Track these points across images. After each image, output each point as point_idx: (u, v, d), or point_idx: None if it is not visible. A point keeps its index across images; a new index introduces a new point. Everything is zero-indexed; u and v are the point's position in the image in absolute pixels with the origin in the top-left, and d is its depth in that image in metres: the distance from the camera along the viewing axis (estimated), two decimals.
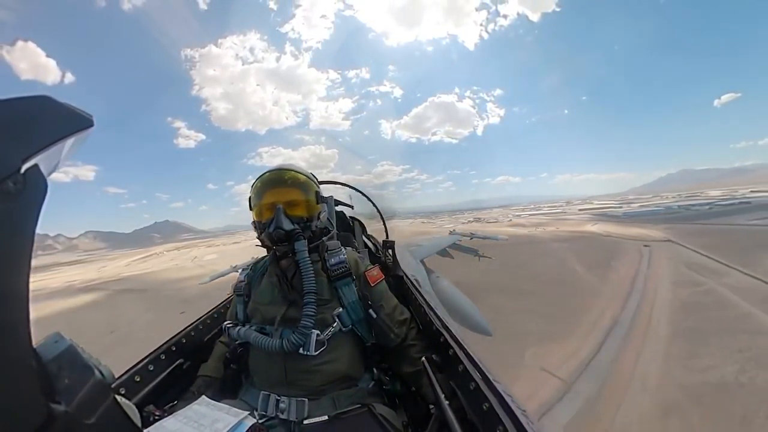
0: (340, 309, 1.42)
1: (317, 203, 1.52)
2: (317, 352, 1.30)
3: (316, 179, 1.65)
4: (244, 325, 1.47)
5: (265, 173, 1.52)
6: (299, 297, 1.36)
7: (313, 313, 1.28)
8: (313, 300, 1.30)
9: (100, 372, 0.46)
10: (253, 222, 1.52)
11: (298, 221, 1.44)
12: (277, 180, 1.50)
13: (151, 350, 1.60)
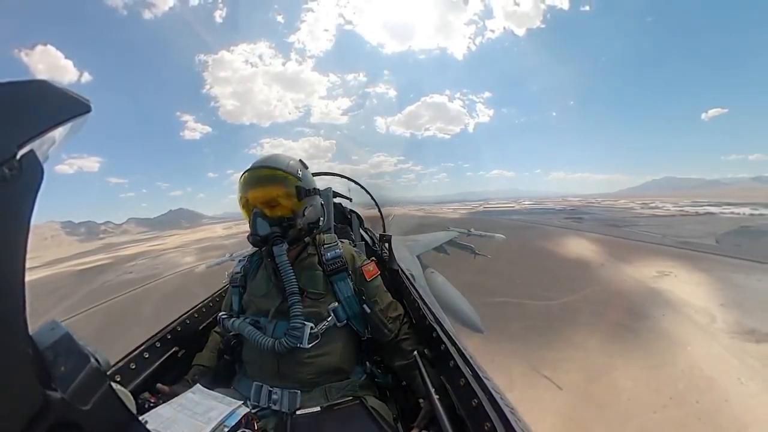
0: (336, 304, 1.42)
1: (300, 199, 1.42)
2: (310, 345, 1.31)
3: (302, 170, 1.49)
4: (238, 317, 1.46)
5: (245, 171, 1.44)
6: None
7: (299, 314, 1.29)
8: (296, 300, 1.30)
9: (96, 359, 0.46)
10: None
11: (278, 222, 1.38)
12: (253, 179, 1.42)
13: (147, 337, 1.60)
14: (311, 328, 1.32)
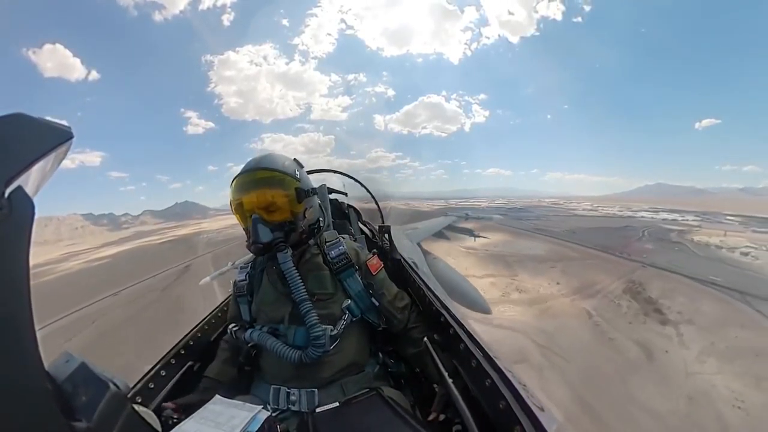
0: (348, 301, 1.40)
1: (300, 201, 1.37)
2: (331, 347, 1.30)
3: (299, 170, 1.45)
4: (252, 327, 1.42)
5: (239, 174, 1.38)
6: None
7: (315, 322, 1.27)
8: (309, 308, 1.27)
9: (115, 384, 0.47)
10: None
11: (280, 226, 1.33)
12: (249, 182, 1.36)
13: (161, 356, 1.59)
14: (330, 330, 1.30)
